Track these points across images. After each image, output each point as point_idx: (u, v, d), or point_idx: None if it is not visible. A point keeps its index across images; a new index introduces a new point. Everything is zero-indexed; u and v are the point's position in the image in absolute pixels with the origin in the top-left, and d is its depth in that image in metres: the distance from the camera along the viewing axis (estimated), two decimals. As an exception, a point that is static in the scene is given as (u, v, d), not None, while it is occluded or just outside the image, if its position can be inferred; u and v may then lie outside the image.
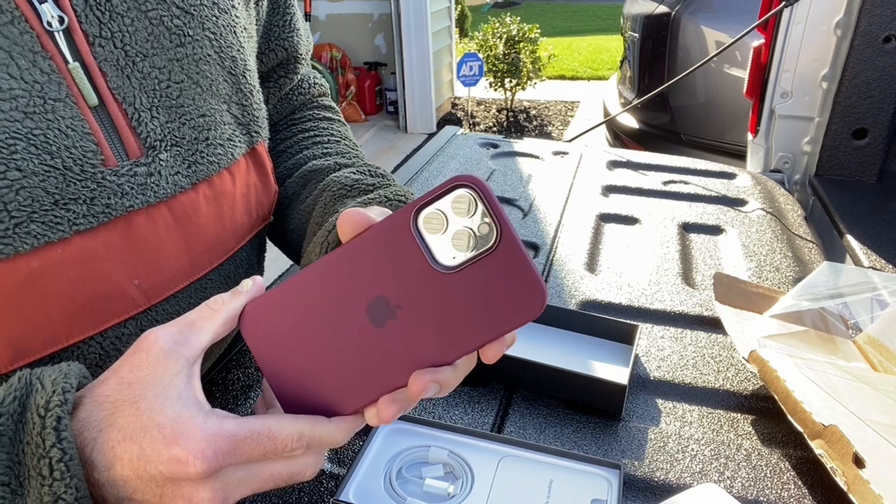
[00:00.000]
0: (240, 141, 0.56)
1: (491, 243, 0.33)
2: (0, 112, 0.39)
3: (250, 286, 0.39)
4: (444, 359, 0.35)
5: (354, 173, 0.61)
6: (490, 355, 0.35)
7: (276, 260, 0.73)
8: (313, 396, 0.38)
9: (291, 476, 0.37)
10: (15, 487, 0.33)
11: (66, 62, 0.42)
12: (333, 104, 0.78)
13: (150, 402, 0.34)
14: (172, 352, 0.35)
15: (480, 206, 0.33)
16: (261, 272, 0.66)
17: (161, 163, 0.48)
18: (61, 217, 0.42)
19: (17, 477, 0.33)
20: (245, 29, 0.57)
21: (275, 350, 0.38)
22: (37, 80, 0.41)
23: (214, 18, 0.52)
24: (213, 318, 0.37)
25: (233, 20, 0.54)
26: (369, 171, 0.62)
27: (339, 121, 0.76)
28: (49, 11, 0.41)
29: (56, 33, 0.42)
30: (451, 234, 0.33)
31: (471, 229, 0.33)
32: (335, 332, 0.36)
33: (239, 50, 0.55)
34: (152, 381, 0.34)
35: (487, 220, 0.33)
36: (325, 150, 0.68)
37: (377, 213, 0.40)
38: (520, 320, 0.33)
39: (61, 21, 0.42)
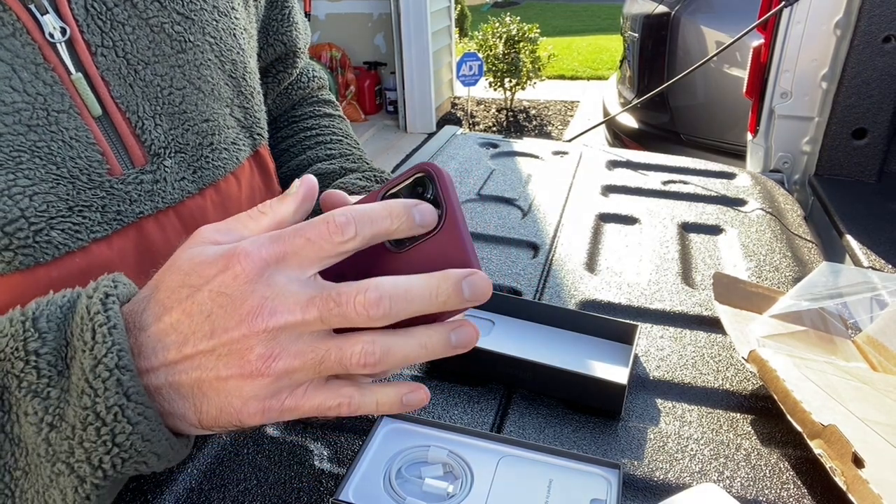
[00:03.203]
0: (244, 144, 0.56)
1: (436, 225, 0.34)
2: (3, 125, 0.39)
3: (297, 188, 0.36)
4: None
5: (361, 179, 0.61)
6: None
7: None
8: None
9: (342, 297, 0.31)
10: (61, 369, 0.33)
11: (69, 73, 0.42)
12: (332, 97, 0.78)
13: (188, 255, 0.33)
14: (211, 238, 0.35)
15: (432, 190, 0.34)
16: None
17: (166, 170, 0.48)
18: (79, 224, 0.42)
19: (63, 359, 0.33)
20: (245, 30, 0.57)
21: None
22: (40, 91, 0.41)
23: (214, 23, 0.52)
24: (258, 220, 0.36)
25: (232, 23, 0.55)
26: (374, 176, 0.62)
27: (339, 116, 0.76)
28: (51, 23, 0.41)
29: (58, 44, 0.42)
30: None
31: None
32: None
33: (239, 53, 0.55)
34: (188, 249, 0.34)
35: (436, 203, 0.34)
36: (328, 152, 0.68)
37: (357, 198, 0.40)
38: None
39: (63, 32, 0.42)
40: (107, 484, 0.33)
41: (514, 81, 5.13)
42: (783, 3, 1.19)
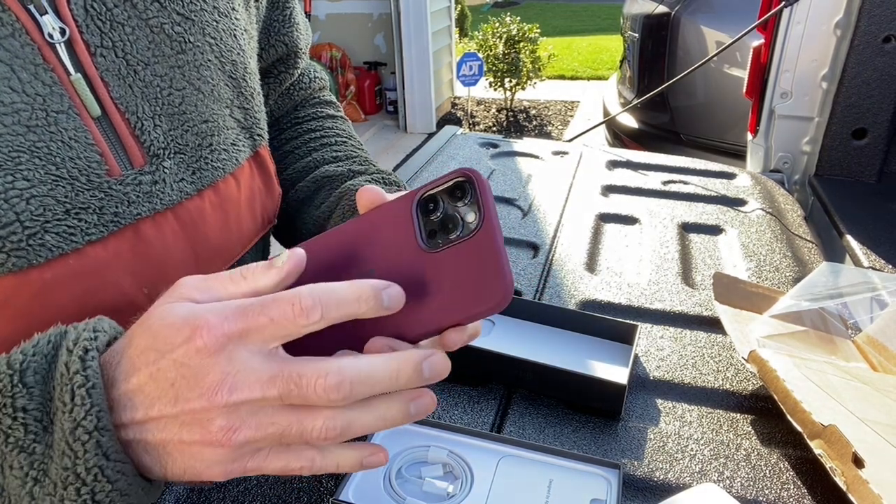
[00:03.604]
0: (243, 145, 0.56)
1: (472, 230, 0.34)
2: (2, 126, 0.39)
3: (283, 262, 0.35)
4: (407, 335, 0.35)
5: (369, 181, 0.61)
6: (450, 342, 0.35)
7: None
8: None
9: (303, 379, 0.31)
10: (46, 424, 0.33)
11: (68, 74, 0.42)
12: (333, 98, 0.79)
13: (158, 314, 0.33)
14: (188, 295, 0.35)
15: (472, 195, 0.35)
16: None
17: (165, 171, 0.48)
18: (74, 227, 0.42)
19: (47, 414, 0.33)
20: (245, 31, 0.57)
21: None
22: (39, 92, 0.41)
23: (214, 23, 0.52)
24: (238, 284, 0.35)
25: (233, 23, 0.54)
26: (383, 178, 0.63)
27: (341, 117, 0.76)
28: (50, 23, 0.41)
29: (57, 45, 0.42)
30: (442, 217, 0.35)
31: (459, 215, 0.35)
32: None
33: (239, 53, 0.55)
34: (159, 306, 0.34)
35: (475, 208, 0.35)
36: (334, 154, 0.68)
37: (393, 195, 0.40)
38: (483, 308, 0.34)
39: (62, 32, 0.42)
40: None
41: (514, 81, 5.13)
42: (783, 3, 1.19)
